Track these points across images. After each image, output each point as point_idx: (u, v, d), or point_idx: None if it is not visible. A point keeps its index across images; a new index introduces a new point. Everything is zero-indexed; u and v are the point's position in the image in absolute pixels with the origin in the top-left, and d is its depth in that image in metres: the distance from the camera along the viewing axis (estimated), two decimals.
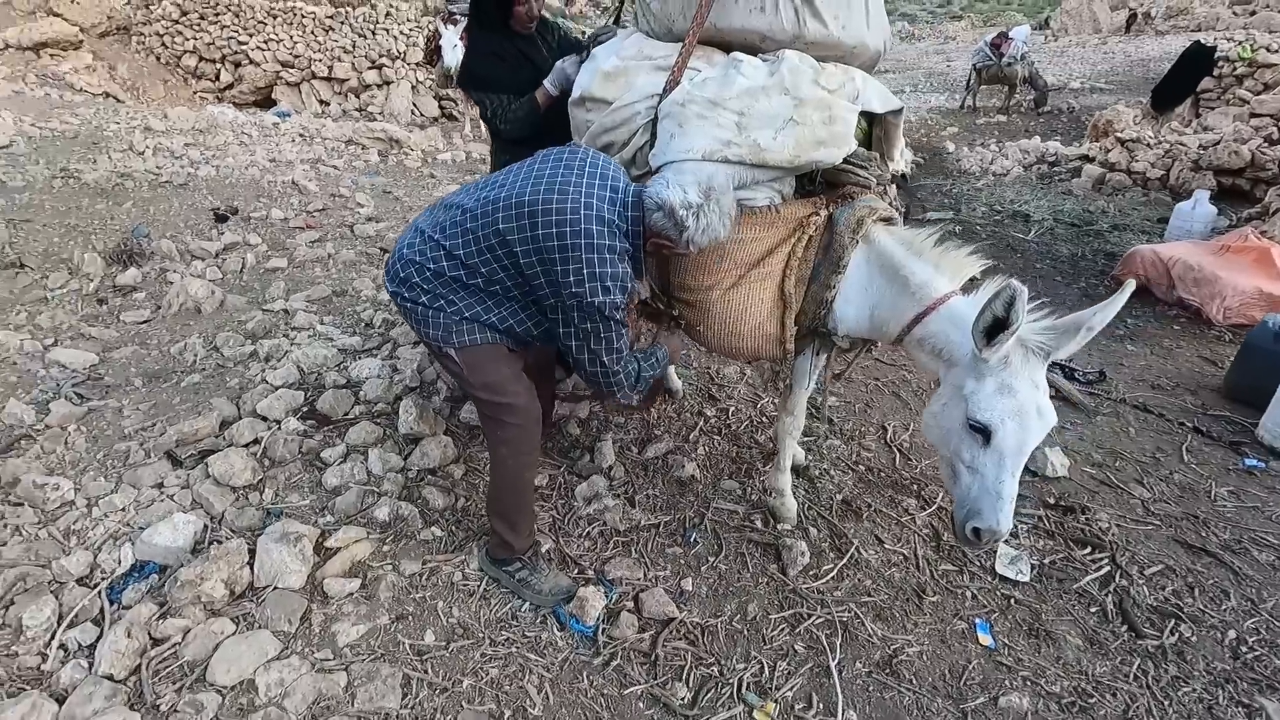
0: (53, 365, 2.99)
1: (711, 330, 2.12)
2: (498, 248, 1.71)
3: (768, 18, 1.96)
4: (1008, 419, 1.68)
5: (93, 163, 6.27)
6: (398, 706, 1.74)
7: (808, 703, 1.89)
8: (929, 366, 1.97)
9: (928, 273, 1.93)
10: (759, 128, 1.84)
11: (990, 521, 1.68)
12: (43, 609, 1.81)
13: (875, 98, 2.01)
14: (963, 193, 8.08)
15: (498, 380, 1.89)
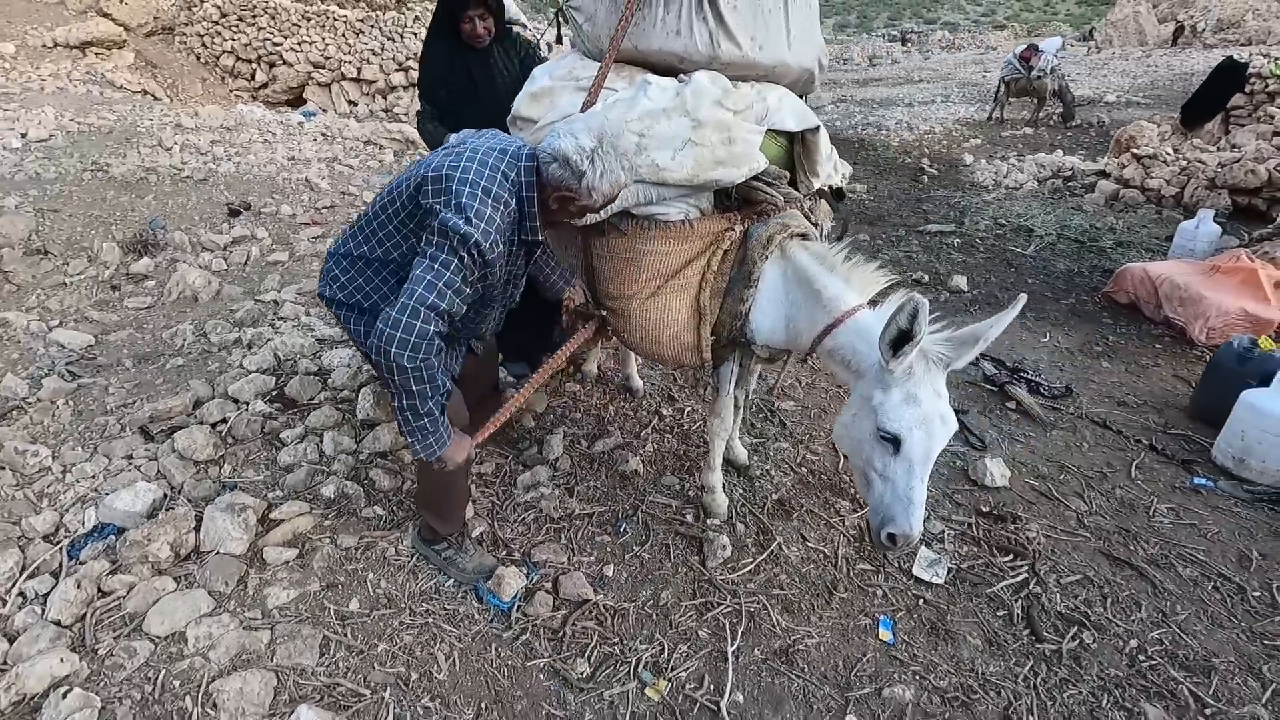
0: (52, 345, 3.25)
1: (634, 337, 2.25)
2: (408, 220, 1.77)
3: (683, 40, 2.07)
4: (915, 428, 1.76)
5: (122, 157, 6.63)
6: (313, 664, 1.90)
7: (699, 683, 2.00)
8: (841, 376, 2.07)
9: (838, 286, 2.03)
10: (658, 148, 1.94)
11: (903, 526, 1.76)
12: (6, 560, 2.01)
13: (790, 116, 2.10)
14: (970, 205, 8.05)
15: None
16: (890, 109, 15.87)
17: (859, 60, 35.06)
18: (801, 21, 2.20)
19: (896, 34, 46.46)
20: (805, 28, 2.22)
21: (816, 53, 2.28)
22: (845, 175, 2.59)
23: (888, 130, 13.04)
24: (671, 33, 2.07)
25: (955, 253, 6.31)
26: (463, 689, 1.92)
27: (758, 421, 3.34)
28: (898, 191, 8.73)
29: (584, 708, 1.91)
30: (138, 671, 1.80)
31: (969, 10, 66.21)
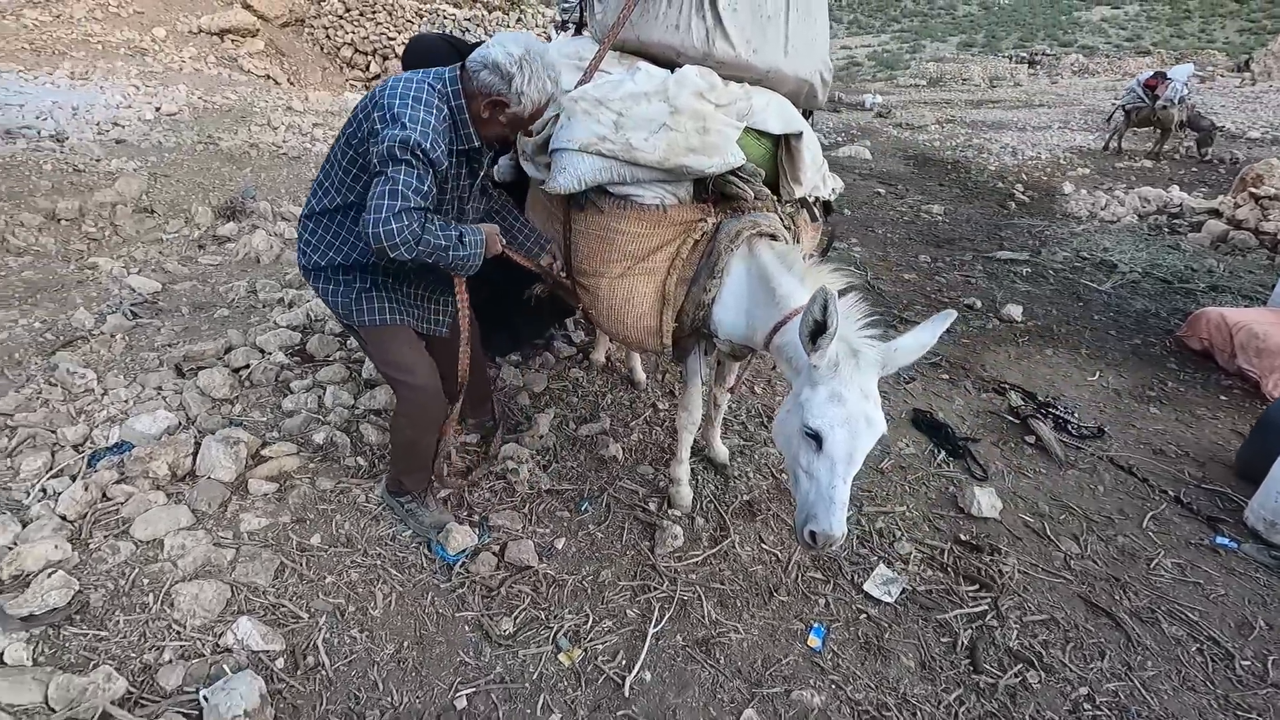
0: (125, 288, 3.68)
1: (601, 314, 2.33)
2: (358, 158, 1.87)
3: (681, 35, 2.14)
4: (837, 426, 1.76)
5: (233, 133, 7.34)
6: (266, 584, 2.10)
7: (611, 657, 2.06)
8: (787, 375, 2.08)
9: (792, 285, 2.04)
10: (634, 129, 2.01)
11: (824, 525, 1.76)
12: (37, 460, 2.33)
13: (774, 119, 2.13)
14: (1053, 236, 7.61)
15: (399, 359, 2.12)
16: (999, 132, 15.14)
17: (979, 81, 33.58)
18: (804, 34, 2.22)
19: (1025, 55, 44.11)
20: (807, 40, 2.24)
21: (818, 66, 2.30)
22: (836, 190, 2.57)
23: (989, 154, 12.46)
24: (671, 27, 2.14)
25: (1020, 282, 6.00)
26: (390, 626, 2.06)
27: (750, 425, 3.34)
28: (978, 216, 8.35)
29: (496, 661, 2.01)
30: (116, 567, 2.06)
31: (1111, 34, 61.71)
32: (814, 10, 2.22)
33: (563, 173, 2.08)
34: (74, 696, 1.67)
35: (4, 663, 1.72)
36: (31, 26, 10.12)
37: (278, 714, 1.75)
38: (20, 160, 5.59)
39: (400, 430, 2.30)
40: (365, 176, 1.88)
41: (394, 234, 1.68)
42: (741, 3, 2.10)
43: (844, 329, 1.83)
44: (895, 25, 70.85)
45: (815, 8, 2.24)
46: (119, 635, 1.88)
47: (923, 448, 3.29)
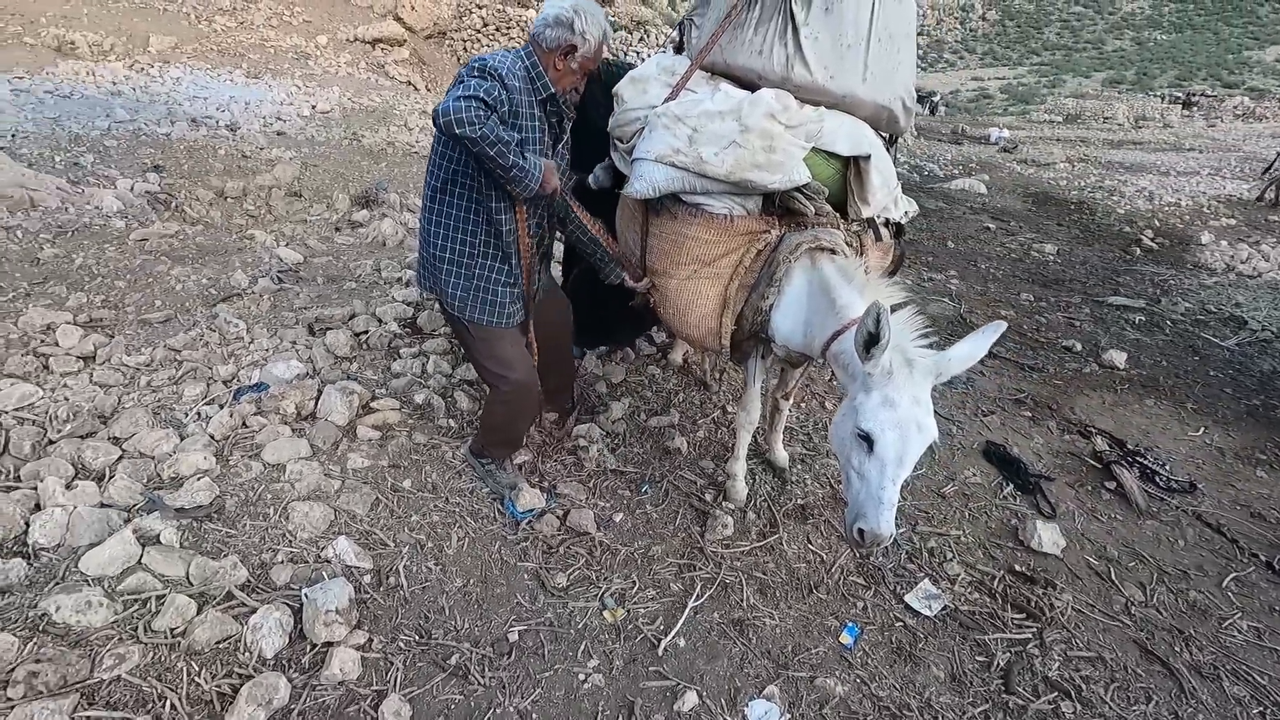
0: (275, 257, 4.24)
1: (668, 312, 2.54)
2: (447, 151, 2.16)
3: (763, 59, 2.32)
4: (888, 429, 1.87)
5: (374, 131, 8.12)
6: (362, 512, 2.43)
7: (651, 621, 2.24)
8: (842, 381, 2.19)
9: (852, 296, 2.17)
10: (705, 144, 2.21)
11: (873, 524, 1.86)
12: (196, 389, 2.80)
13: (843, 141, 2.26)
14: (1177, 286, 7.12)
15: (502, 354, 2.38)
16: (1136, 175, 14.21)
17: (1122, 120, 31.41)
18: (885, 62, 2.33)
19: (1179, 95, 40.82)
20: (888, 68, 2.35)
21: (899, 94, 2.41)
22: (909, 213, 2.65)
23: (1120, 196, 11.74)
24: (755, 52, 2.33)
25: (1131, 330, 5.69)
26: (461, 564, 2.34)
27: (815, 436, 3.43)
28: (1095, 259, 7.94)
29: (547, 608, 2.23)
30: (247, 481, 2.45)
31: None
32: (898, 40, 2.34)
33: (639, 179, 2.31)
34: (208, 576, 2.03)
35: (160, 542, 2.12)
36: (220, 31, 11.59)
37: (361, 618, 2.05)
38: (201, 145, 6.48)
39: (494, 415, 2.55)
40: (452, 154, 2.14)
41: (460, 110, 1.83)
42: (823, 32, 2.25)
43: (900, 340, 1.95)
44: (1034, 58, 67.30)
45: (900, 38, 2.35)
46: (244, 535, 2.25)
47: (990, 479, 3.27)
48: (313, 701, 1.81)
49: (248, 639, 1.88)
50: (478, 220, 2.22)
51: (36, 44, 9.24)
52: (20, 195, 4.28)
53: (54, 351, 2.93)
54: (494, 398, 2.50)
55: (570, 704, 1.94)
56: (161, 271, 3.87)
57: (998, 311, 5.73)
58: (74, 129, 6.27)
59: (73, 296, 3.46)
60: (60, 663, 1.70)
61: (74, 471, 2.34)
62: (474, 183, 2.17)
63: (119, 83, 8.34)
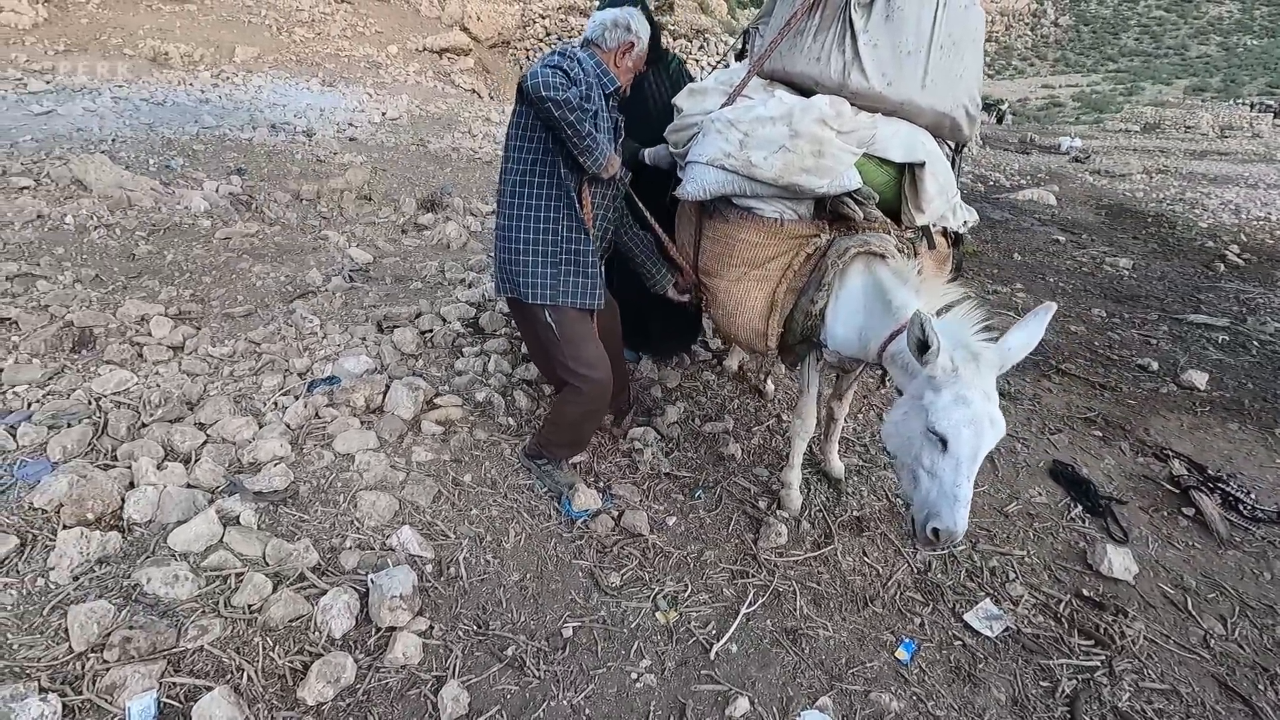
0: (347, 257, 4.43)
1: (716, 312, 2.57)
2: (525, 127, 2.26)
3: (820, 66, 2.32)
4: (964, 427, 1.85)
5: (440, 137, 8.39)
6: (425, 504, 2.51)
7: (704, 625, 2.24)
8: (899, 380, 2.17)
9: (907, 296, 2.15)
10: (755, 148, 2.22)
11: (948, 522, 1.84)
12: (273, 380, 2.95)
13: (898, 148, 2.24)
14: (1267, 304, 6.71)
15: (587, 354, 2.41)
16: (1221, 187, 13.49)
17: (1206, 129, 29.83)
18: (947, 69, 2.29)
19: (1271, 104, 38.51)
20: (950, 75, 2.31)
21: (963, 101, 2.36)
22: (968, 222, 2.60)
23: (1202, 209, 11.16)
24: (813, 58, 2.33)
25: (1213, 349, 5.39)
26: (518, 559, 2.39)
27: (872, 447, 3.38)
28: (1174, 274, 7.55)
29: (601, 606, 2.26)
30: (319, 469, 2.56)
31: None
32: (962, 47, 2.29)
33: (691, 181, 2.34)
34: (283, 557, 2.14)
35: (239, 523, 2.24)
36: (299, 41, 12.17)
37: (423, 605, 2.12)
38: (280, 149, 6.82)
39: (567, 414, 2.56)
40: (532, 143, 2.26)
41: (546, 76, 2.02)
42: (883, 38, 2.24)
43: (962, 335, 1.94)
44: (1110, 64, 64.52)
45: (965, 44, 2.31)
46: (316, 520, 2.35)
47: (1056, 499, 3.15)
48: (377, 682, 1.88)
49: (318, 619, 1.97)
50: (560, 204, 2.32)
51: (135, 55, 9.90)
52: (119, 195, 4.59)
53: (147, 341, 3.14)
54: (569, 397, 2.52)
55: (622, 702, 1.97)
56: (243, 268, 4.09)
57: (1067, 327, 5.51)
58: (166, 134, 6.69)
59: (164, 290, 3.69)
60: (150, 630, 1.82)
61: (164, 453, 2.49)
62: (555, 169, 2.27)
63: (206, 90, 8.85)
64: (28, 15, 9.90)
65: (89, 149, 5.69)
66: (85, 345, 3.07)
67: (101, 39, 10.04)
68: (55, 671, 1.74)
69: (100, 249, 4.04)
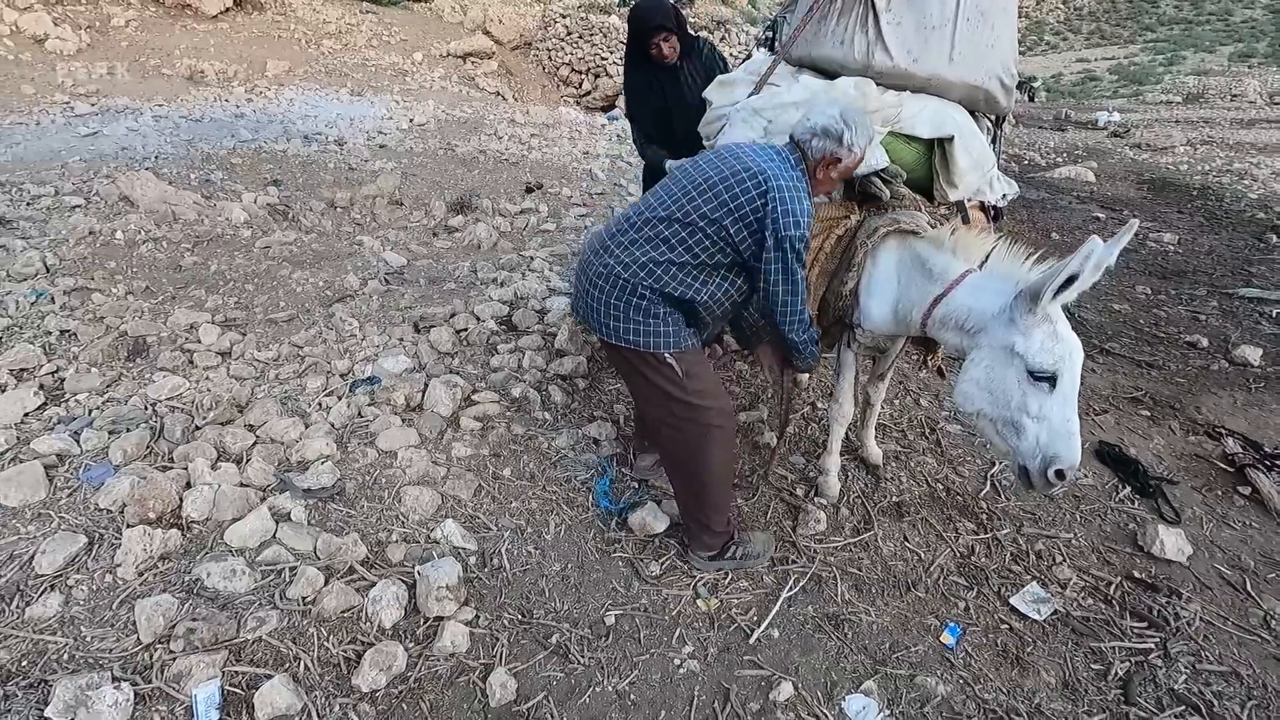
0: (382, 261, 4.53)
1: None
2: (700, 222, 1.96)
3: (844, 49, 2.31)
4: (1064, 360, 1.84)
5: (466, 140, 8.48)
6: (466, 498, 2.57)
7: (745, 611, 2.25)
8: (953, 342, 2.14)
9: (946, 259, 2.14)
10: (780, 134, 2.21)
11: (1071, 459, 1.82)
12: (317, 381, 3.04)
13: (925, 125, 2.21)
14: None
15: (710, 387, 2.15)
16: (1272, 156, 12.91)
17: (1254, 97, 28.56)
18: (976, 40, 2.26)
19: None
20: (980, 46, 2.27)
21: (996, 72, 2.32)
22: (1007, 195, 2.55)
23: (1252, 180, 10.71)
24: (836, 42, 2.32)
25: (1268, 324, 5.19)
26: (559, 550, 2.43)
27: (910, 434, 3.34)
28: (1223, 248, 7.28)
29: (642, 594, 2.28)
30: (364, 466, 2.63)
31: None
32: (992, 16, 2.25)
33: None
34: (333, 551, 2.20)
35: (290, 519, 2.32)
36: (327, 53, 12.42)
37: (469, 595, 2.17)
38: (313, 159, 6.98)
39: (713, 465, 2.19)
40: (714, 245, 1.99)
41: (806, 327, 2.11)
42: (906, 15, 2.21)
43: (1019, 272, 1.96)
44: (1148, 34, 62.20)
45: (994, 14, 2.26)
46: (363, 515, 2.42)
47: (1104, 481, 3.08)
48: (427, 670, 1.93)
49: (368, 610, 2.03)
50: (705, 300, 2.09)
51: (172, 74, 10.22)
52: (164, 210, 4.76)
53: (197, 348, 3.25)
54: (708, 441, 2.15)
55: (667, 687, 1.99)
56: (284, 275, 4.20)
57: (1110, 306, 5.36)
58: (205, 149, 6.89)
59: (210, 299, 3.81)
60: (212, 622, 1.90)
61: (217, 454, 2.59)
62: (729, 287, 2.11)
63: (241, 105, 9.10)
64: (71, 41, 10.29)
65: (134, 166, 5.90)
66: (139, 354, 3.20)
67: (141, 60, 10.40)
68: (126, 662, 1.82)
69: (149, 261, 4.19)
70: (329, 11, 14.06)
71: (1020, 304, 1.86)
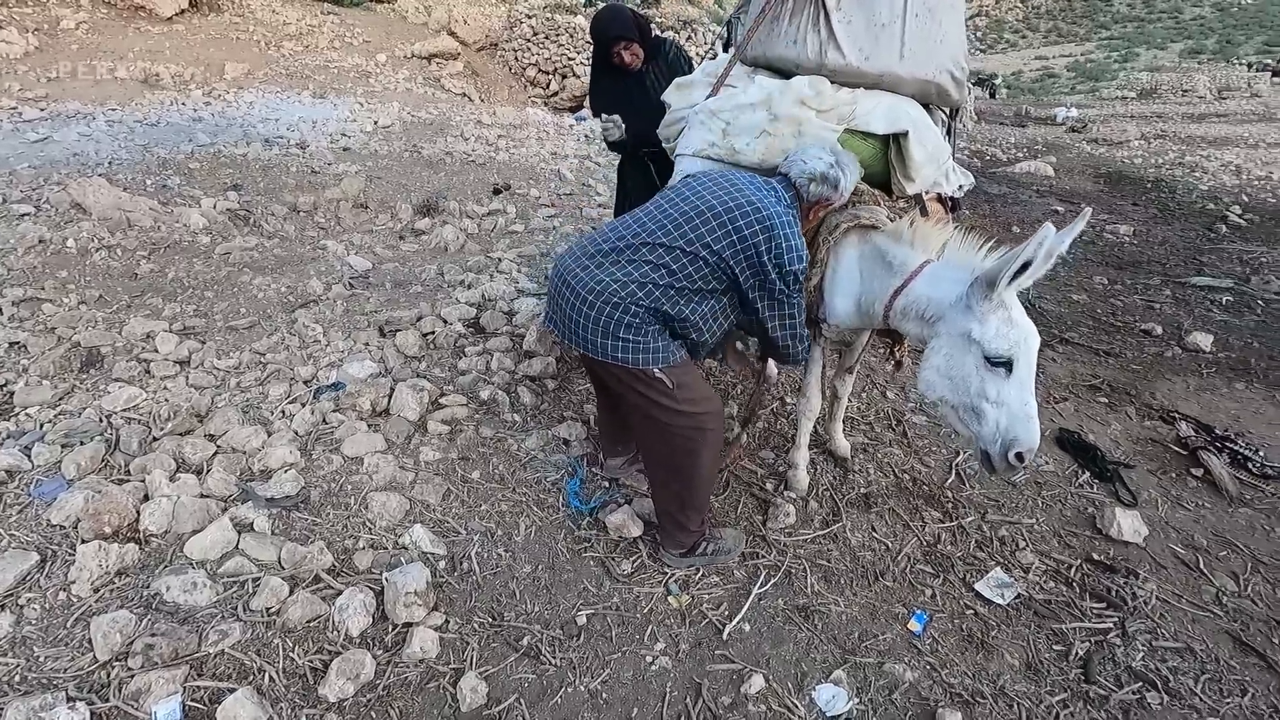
0: (346, 265, 4.46)
1: None
2: (702, 251, 1.97)
3: (798, 48, 2.33)
4: (1020, 344, 1.87)
5: (433, 142, 8.40)
6: (435, 502, 2.54)
7: (716, 606, 2.26)
8: (915, 332, 2.16)
9: (905, 251, 2.17)
10: (738, 135, 2.24)
11: (1030, 441, 1.84)
12: (280, 388, 2.98)
13: (879, 121, 2.24)
14: (1271, 263, 6.67)
15: (702, 393, 2.15)
16: (1221, 149, 13.37)
17: (1204, 92, 29.51)
18: (925, 36, 2.29)
19: (1269, 63, 38.06)
20: (929, 42, 2.31)
21: (946, 66, 2.36)
22: (963, 186, 2.60)
23: (1202, 172, 11.07)
24: (790, 42, 2.34)
25: (1218, 311, 5.37)
26: (529, 551, 2.42)
27: (877, 426, 3.39)
28: (1175, 238, 7.51)
29: (614, 593, 2.28)
30: (329, 473, 2.59)
31: None
32: (939, 13, 2.29)
33: (680, 175, 2.35)
34: (298, 560, 2.16)
35: (253, 529, 2.27)
36: (287, 55, 12.19)
37: (438, 601, 2.15)
38: (275, 163, 6.85)
39: (701, 467, 2.20)
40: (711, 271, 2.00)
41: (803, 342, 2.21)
42: (856, 13, 2.24)
43: (974, 260, 2.00)
44: (1103, 32, 63.91)
45: (941, 10, 2.30)
46: (329, 523, 2.38)
47: (1064, 467, 3.16)
48: (396, 677, 1.91)
49: (335, 618, 2.00)
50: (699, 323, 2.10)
51: (126, 78, 9.94)
52: (119, 217, 4.63)
53: (154, 357, 3.17)
54: (696, 446, 2.15)
55: (639, 684, 1.99)
56: (245, 281, 4.12)
57: (1069, 296, 5.50)
58: (161, 154, 6.72)
59: (168, 307, 3.72)
60: (172, 637, 1.85)
61: (176, 465, 2.53)
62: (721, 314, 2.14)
63: (199, 109, 8.89)
64: (19, 44, 9.95)
65: (86, 172, 5.73)
66: (93, 365, 3.11)
67: (93, 63, 10.09)
68: (82, 681, 1.77)
69: (103, 270, 4.08)
70: (289, 13, 13.81)
71: (976, 291, 1.89)
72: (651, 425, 2.16)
